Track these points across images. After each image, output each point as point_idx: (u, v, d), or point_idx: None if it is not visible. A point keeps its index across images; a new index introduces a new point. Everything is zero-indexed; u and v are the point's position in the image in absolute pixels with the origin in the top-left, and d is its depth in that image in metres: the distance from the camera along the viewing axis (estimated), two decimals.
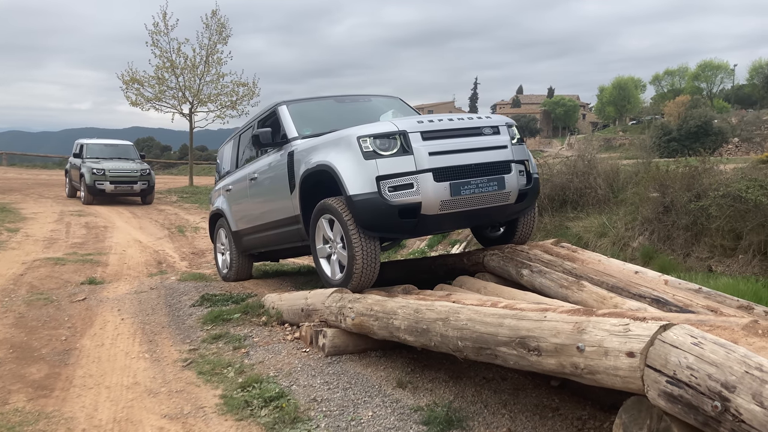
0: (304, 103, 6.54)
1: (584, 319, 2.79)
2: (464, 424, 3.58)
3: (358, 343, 4.76)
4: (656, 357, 2.38)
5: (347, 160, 4.79)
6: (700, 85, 75.17)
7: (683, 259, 13.41)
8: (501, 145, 5.08)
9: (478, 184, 4.85)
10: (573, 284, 4.66)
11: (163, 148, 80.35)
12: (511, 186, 5.05)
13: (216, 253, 8.27)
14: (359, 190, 4.68)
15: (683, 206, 13.43)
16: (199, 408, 4.07)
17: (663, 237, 14.10)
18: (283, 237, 6.24)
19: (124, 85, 23.33)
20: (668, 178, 14.36)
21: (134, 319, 6.19)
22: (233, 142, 7.76)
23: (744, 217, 12.06)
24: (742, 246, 12.40)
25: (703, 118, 44.77)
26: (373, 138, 4.72)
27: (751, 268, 12.21)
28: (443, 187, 4.71)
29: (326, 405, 3.96)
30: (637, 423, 2.52)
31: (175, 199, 20.65)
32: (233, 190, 7.39)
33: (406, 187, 4.66)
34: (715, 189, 12.83)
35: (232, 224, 7.47)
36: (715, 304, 4.25)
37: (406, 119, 5.08)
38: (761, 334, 2.59)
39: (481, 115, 5.29)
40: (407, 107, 7.07)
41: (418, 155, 4.69)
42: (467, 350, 3.41)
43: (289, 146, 5.80)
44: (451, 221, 5.14)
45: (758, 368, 2.11)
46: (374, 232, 4.82)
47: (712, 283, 10.30)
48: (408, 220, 4.73)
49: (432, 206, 4.71)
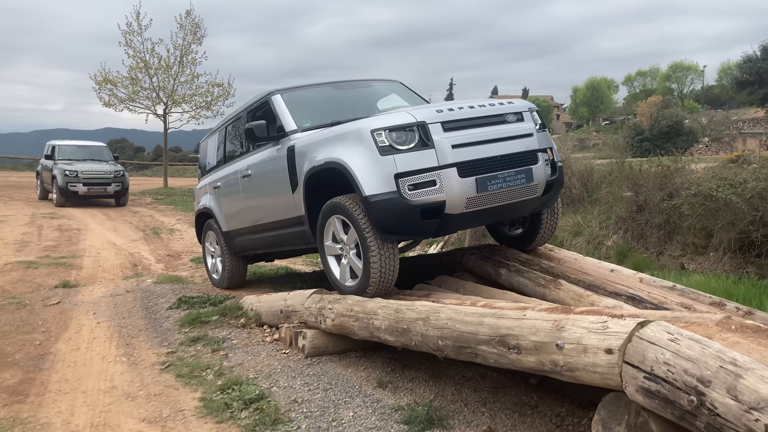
0: (300, 91, 6.02)
1: (563, 317, 2.83)
2: (445, 423, 3.60)
3: (338, 343, 4.75)
4: (634, 353, 2.43)
5: (361, 157, 4.33)
6: (671, 85, 76.47)
7: (656, 257, 13.65)
8: (527, 133, 4.65)
9: (506, 177, 4.43)
10: (550, 283, 4.71)
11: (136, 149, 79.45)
12: (539, 178, 4.64)
13: (205, 258, 7.75)
14: (376, 189, 4.22)
15: (656, 205, 13.67)
16: (178, 411, 4.03)
17: (637, 235, 14.34)
18: (283, 239, 5.81)
19: (96, 85, 23.03)
20: (641, 177, 14.61)
21: (110, 323, 6.11)
22: (218, 135, 7.24)
23: (715, 215, 12.30)
24: (713, 244, 12.65)
25: (675, 118, 45.57)
26: (389, 131, 4.26)
27: (721, 265, 12.46)
28: (469, 182, 4.28)
29: (307, 406, 3.96)
30: (616, 419, 2.56)
31: (150, 201, 20.41)
32: (223, 187, 6.87)
33: (428, 184, 4.21)
34: (687, 188, 13.10)
35: (222, 224, 6.97)
36: (688, 301, 4.34)
37: (424, 108, 4.63)
38: (734, 329, 2.65)
39: (503, 101, 4.86)
40: (410, 91, 6.58)
41: (440, 149, 4.24)
42: (448, 349, 3.43)
43: (288, 140, 5.32)
44: (475, 219, 4.75)
45: (732, 363, 2.17)
46: (394, 236, 4.42)
47: (684, 281, 10.50)
48: (430, 221, 4.30)
49: (457, 204, 4.28)
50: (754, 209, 11.37)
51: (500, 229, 5.69)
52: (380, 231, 4.33)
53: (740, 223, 11.60)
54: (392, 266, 4.47)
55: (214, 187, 7.06)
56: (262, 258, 7.37)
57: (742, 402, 2.06)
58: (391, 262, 4.45)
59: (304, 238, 5.37)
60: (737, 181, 12.35)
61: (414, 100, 6.29)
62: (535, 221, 5.30)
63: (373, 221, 4.30)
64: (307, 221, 5.12)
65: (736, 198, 11.60)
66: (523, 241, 5.48)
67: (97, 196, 18.36)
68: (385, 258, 4.42)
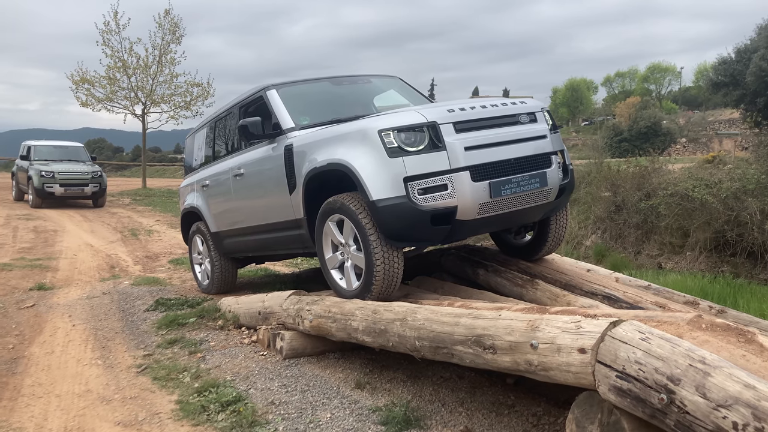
0: (297, 86, 5.71)
1: (537, 317, 2.85)
2: (422, 423, 3.61)
3: (316, 345, 4.74)
4: (606, 353, 2.45)
5: (368, 159, 4.08)
6: (650, 86, 77.44)
7: (634, 257, 13.82)
8: (540, 134, 4.44)
9: (519, 182, 4.22)
10: (527, 283, 4.75)
11: (114, 149, 78.68)
12: (552, 182, 4.43)
13: (192, 263, 7.41)
14: (384, 194, 3.98)
15: (634, 205, 13.86)
16: (154, 414, 4.00)
17: (615, 235, 14.50)
18: (278, 242, 5.55)
19: (73, 85, 22.79)
20: (619, 177, 14.80)
21: (86, 325, 6.03)
22: (206, 131, 6.88)
23: (691, 215, 12.49)
24: (689, 243, 12.84)
25: (653, 119, 46.19)
26: (398, 131, 4.03)
27: (697, 264, 12.64)
28: (482, 187, 4.05)
29: (284, 408, 3.94)
30: (589, 417, 2.58)
31: (128, 202, 20.21)
32: (212, 186, 6.53)
33: (439, 189, 3.97)
34: (664, 188, 13.29)
35: (211, 224, 6.65)
36: (663, 300, 4.39)
37: (434, 107, 4.39)
38: (705, 328, 2.69)
39: (515, 100, 4.61)
40: (410, 88, 6.33)
41: (451, 151, 4.01)
42: (424, 350, 3.44)
43: (284, 138, 5.06)
44: (486, 226, 4.52)
45: (701, 361, 2.20)
46: (401, 243, 4.19)
47: (661, 280, 10.66)
48: (441, 227, 4.06)
49: (469, 210, 4.06)
50: (729, 209, 11.58)
51: (505, 238, 5.43)
52: (387, 237, 4.12)
53: (715, 222, 11.79)
54: (396, 268, 4.25)
55: (203, 186, 6.75)
56: (252, 260, 7.12)
57: (711, 400, 2.09)
58: (396, 264, 4.24)
59: (301, 241, 5.13)
60: (713, 181, 12.57)
61: (414, 98, 6.09)
62: (543, 229, 5.04)
63: (380, 227, 4.09)
64: (305, 224, 4.88)
65: (712, 198, 11.80)
66: (529, 250, 5.22)
67: (75, 197, 18.14)
68: (389, 260, 4.20)
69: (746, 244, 11.47)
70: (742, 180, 11.77)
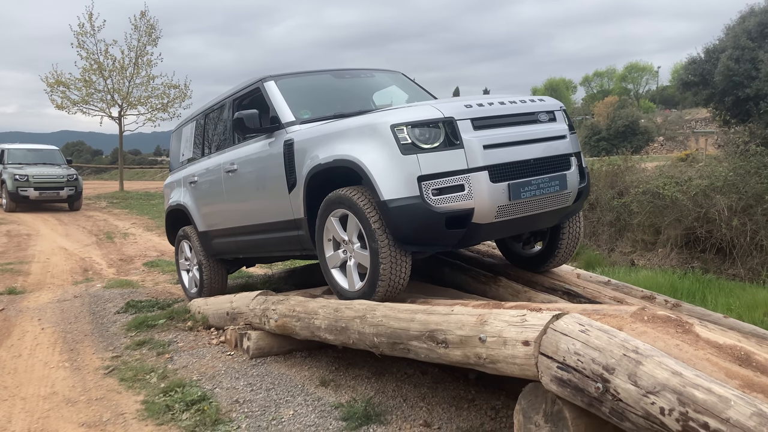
0: (296, 78, 5.37)
1: (486, 311, 2.93)
2: (382, 418, 3.68)
3: (282, 344, 4.80)
4: (548, 344, 2.54)
5: (379, 155, 3.81)
6: (628, 86, 78.29)
7: (608, 254, 14.01)
8: (560, 134, 4.19)
9: (539, 184, 3.96)
10: (490, 280, 4.84)
11: (94, 152, 77.83)
12: (572, 185, 4.18)
13: (179, 269, 6.95)
14: (397, 193, 3.72)
15: (607, 203, 14.05)
16: (119, 415, 4.02)
17: (589, 233, 14.69)
18: (273, 243, 5.22)
19: (48, 87, 22.55)
20: (593, 176, 14.98)
21: (55, 329, 6.02)
22: (195, 124, 6.50)
23: (662, 212, 12.70)
24: (661, 240, 13.06)
25: (630, 118, 46.75)
26: (411, 126, 3.75)
27: (669, 261, 12.85)
28: (501, 188, 3.78)
29: (248, 406, 3.99)
30: (534, 408, 2.67)
31: (105, 205, 20.07)
32: (201, 183, 6.17)
33: (455, 189, 3.70)
34: (636, 186, 13.51)
35: (199, 223, 6.27)
36: (621, 295, 4.50)
37: (451, 102, 4.05)
38: (646, 320, 2.78)
39: (533, 98, 4.35)
40: (412, 83, 6.07)
41: (469, 149, 3.73)
42: (383, 346, 3.51)
43: (283, 133, 4.75)
44: (501, 230, 4.19)
45: (634, 351, 2.29)
46: (412, 246, 3.92)
47: (632, 277, 10.82)
48: (455, 231, 3.78)
49: (487, 213, 3.78)
50: (698, 206, 11.79)
51: (513, 247, 5.08)
52: (398, 240, 3.85)
53: (686, 219, 12.01)
54: (404, 269, 3.96)
55: (190, 182, 6.36)
56: (243, 263, 6.79)
57: (641, 387, 2.18)
58: (403, 264, 3.95)
59: (299, 243, 4.79)
60: (683, 179, 12.80)
61: (418, 94, 5.83)
62: (555, 237, 4.72)
63: (391, 229, 3.82)
64: (305, 225, 4.57)
65: (681, 195, 12.02)
66: (539, 261, 4.88)
67: (50, 200, 17.99)
68: (396, 259, 3.91)
69: (715, 240, 11.70)
70: (711, 177, 12.02)
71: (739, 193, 11.50)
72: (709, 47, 14.04)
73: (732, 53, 12.71)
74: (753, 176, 11.57)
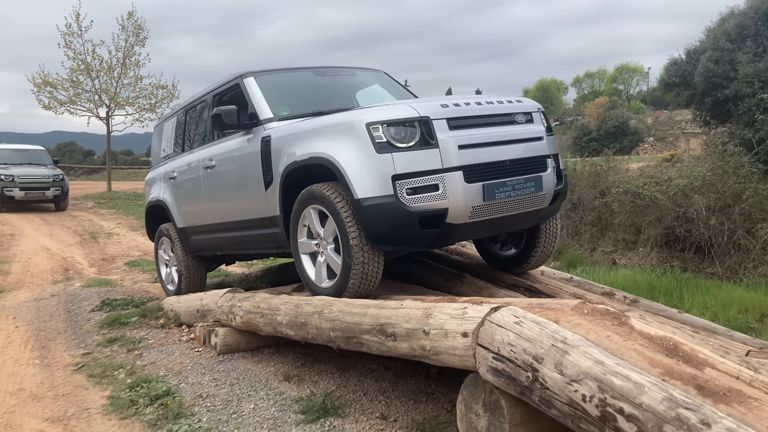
0: (276, 74, 5.34)
1: (432, 305, 3.02)
2: (340, 411, 3.75)
3: (250, 340, 4.87)
4: (485, 336, 2.62)
5: (354, 153, 3.81)
6: (618, 87, 78.69)
7: (590, 253, 14.14)
8: (537, 136, 4.20)
9: (514, 185, 3.98)
10: (455, 277, 4.92)
11: (86, 152, 77.52)
12: (548, 187, 4.20)
13: (158, 263, 6.93)
14: (371, 192, 3.72)
15: (589, 203, 14.19)
16: (83, 409, 4.09)
17: (572, 232, 14.82)
18: (249, 240, 5.20)
19: (35, 88, 22.52)
20: (576, 176, 15.12)
21: (29, 326, 6.07)
22: (176, 120, 6.47)
23: (643, 212, 12.85)
24: (641, 239, 13.19)
25: (621, 118, 46.94)
26: (387, 125, 3.75)
27: (649, 260, 12.99)
28: (475, 189, 3.79)
29: (211, 400, 4.06)
30: (474, 398, 2.75)
31: (91, 205, 20.06)
32: (180, 179, 6.14)
33: (429, 189, 3.71)
34: (617, 186, 13.65)
35: (177, 219, 6.24)
36: (581, 291, 4.59)
37: (427, 102, 4.05)
38: (585, 313, 2.87)
39: (510, 99, 4.33)
40: (394, 83, 6.05)
41: (444, 148, 3.74)
42: (338, 340, 3.58)
43: (261, 130, 4.73)
44: (475, 231, 4.22)
45: (562, 341, 2.38)
46: (385, 245, 3.91)
47: (612, 276, 10.94)
48: (429, 231, 3.79)
49: (461, 213, 3.79)
50: (678, 206, 11.94)
51: (491, 248, 5.09)
52: (371, 239, 3.84)
53: (665, 219, 12.17)
54: (376, 266, 3.97)
55: (170, 178, 6.34)
56: (222, 261, 6.74)
57: (566, 375, 2.27)
58: (376, 261, 3.96)
59: (275, 241, 4.79)
60: (662, 179, 12.95)
61: (400, 93, 5.84)
62: (532, 239, 4.74)
63: (364, 228, 3.81)
64: (281, 223, 4.57)
65: (661, 195, 12.17)
66: (516, 262, 4.91)
67: (36, 201, 17.98)
68: (369, 257, 3.91)
69: (694, 239, 11.85)
70: (690, 177, 12.17)
71: (717, 193, 11.67)
72: (690, 49, 14.20)
73: (711, 55, 12.86)
74: (731, 176, 11.74)
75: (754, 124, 11.92)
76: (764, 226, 11.35)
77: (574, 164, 15.58)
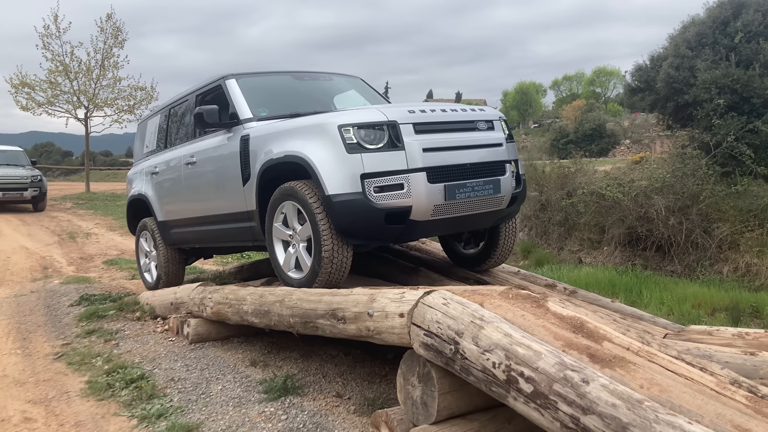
0: (257, 77, 5.64)
1: (376, 291, 3.40)
2: (300, 391, 4.13)
3: (220, 330, 5.22)
4: (418, 316, 3.01)
5: (326, 153, 4.09)
6: (596, 90, 79.88)
7: (557, 253, 14.63)
8: (496, 142, 4.54)
9: (474, 187, 4.30)
10: (412, 271, 5.31)
11: (64, 153, 76.83)
12: (506, 189, 4.52)
13: (138, 259, 7.19)
14: (340, 189, 4.01)
15: (557, 203, 14.69)
16: (63, 393, 4.42)
17: (540, 232, 15.32)
18: (227, 234, 5.44)
19: (12, 89, 22.56)
20: (544, 178, 15.62)
21: (10, 320, 6.36)
22: (160, 117, 6.71)
23: (607, 212, 13.37)
24: (606, 239, 13.71)
25: (597, 121, 47.76)
26: (357, 128, 4.05)
27: (613, 258, 13.50)
28: (437, 189, 4.11)
29: (182, 383, 4.42)
30: (411, 371, 3.13)
31: (70, 206, 20.17)
32: (161, 174, 6.38)
33: (395, 188, 4.02)
34: (583, 187, 14.16)
35: (158, 213, 6.48)
36: (525, 283, 5.02)
37: (395, 107, 4.38)
38: (510, 297, 3.27)
39: (474, 107, 4.70)
40: (369, 89, 6.37)
41: (410, 151, 4.05)
42: (297, 325, 3.95)
43: (241, 129, 5.00)
44: (438, 228, 4.53)
45: (480, 318, 2.77)
46: (353, 239, 4.21)
47: (575, 274, 11.41)
48: (394, 227, 4.10)
49: (423, 211, 4.10)
50: (639, 206, 12.46)
51: (454, 247, 5.45)
52: (340, 234, 4.15)
53: (628, 219, 12.68)
54: (345, 259, 4.27)
55: (152, 173, 6.60)
56: (201, 254, 7.08)
57: (480, 347, 2.66)
58: (344, 254, 4.25)
59: (251, 234, 5.05)
60: (625, 180, 13.48)
61: (374, 99, 6.18)
62: (492, 239, 5.08)
63: (334, 222, 4.11)
64: (257, 217, 4.83)
65: (623, 196, 12.68)
66: (477, 260, 5.24)
67: (13, 201, 18.07)
68: (338, 250, 4.20)
69: (655, 238, 12.38)
70: (651, 179, 12.71)
71: (676, 194, 12.20)
72: (654, 55, 14.74)
73: (673, 61, 13.40)
74: (689, 178, 12.28)
75: (712, 129, 12.46)
76: (720, 225, 11.89)
77: (544, 166, 16.05)
